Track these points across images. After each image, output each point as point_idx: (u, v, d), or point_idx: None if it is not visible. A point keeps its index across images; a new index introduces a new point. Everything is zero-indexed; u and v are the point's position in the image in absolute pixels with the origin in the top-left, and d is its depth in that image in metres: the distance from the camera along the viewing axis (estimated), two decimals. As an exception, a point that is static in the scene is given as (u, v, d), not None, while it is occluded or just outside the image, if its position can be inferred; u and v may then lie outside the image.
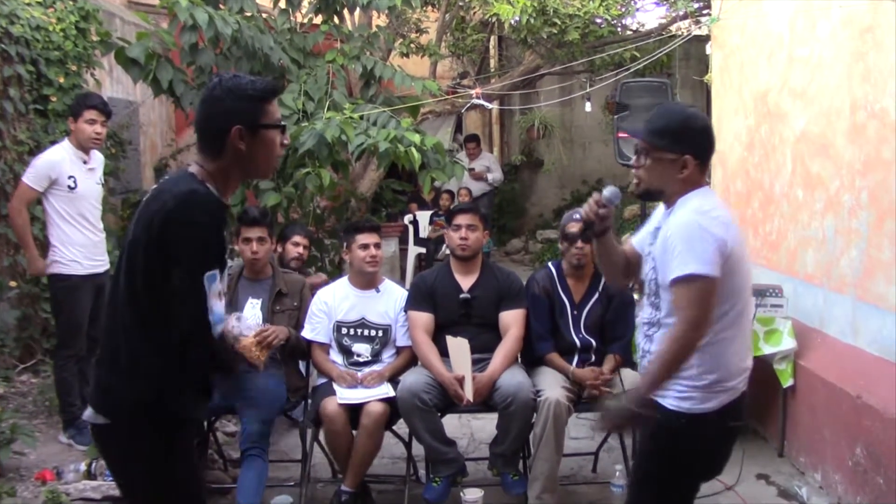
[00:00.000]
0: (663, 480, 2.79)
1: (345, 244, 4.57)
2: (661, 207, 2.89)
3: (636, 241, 3.01)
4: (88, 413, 2.43)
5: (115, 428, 2.37)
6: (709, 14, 7.64)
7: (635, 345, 3.00)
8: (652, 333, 2.81)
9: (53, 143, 5.34)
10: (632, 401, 2.67)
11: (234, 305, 4.45)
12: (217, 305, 2.32)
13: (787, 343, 4.80)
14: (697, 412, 2.68)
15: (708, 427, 2.71)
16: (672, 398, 2.72)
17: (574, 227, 4.15)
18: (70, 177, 4.92)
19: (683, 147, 2.72)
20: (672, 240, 2.64)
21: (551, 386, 4.11)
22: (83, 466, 4.50)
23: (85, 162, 5.01)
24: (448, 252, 4.64)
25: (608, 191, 2.86)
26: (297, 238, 5.28)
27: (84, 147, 4.99)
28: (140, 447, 2.37)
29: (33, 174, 4.90)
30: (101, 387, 2.43)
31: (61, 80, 6.25)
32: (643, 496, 2.89)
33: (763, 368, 4.95)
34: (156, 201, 2.31)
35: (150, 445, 2.36)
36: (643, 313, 2.86)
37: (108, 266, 5.10)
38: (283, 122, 2.50)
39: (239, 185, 2.61)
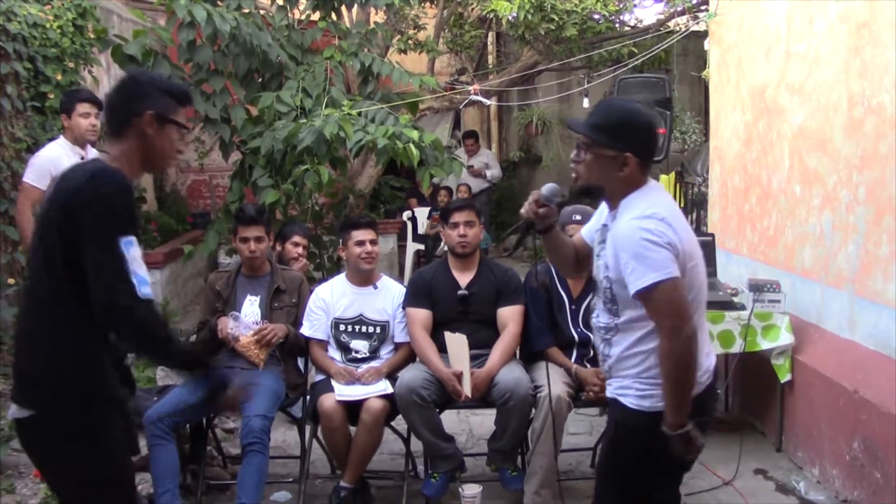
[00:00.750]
0: (627, 476, 2.76)
1: (341, 241, 4.58)
2: (604, 205, 2.83)
3: (585, 232, 3.00)
4: (13, 410, 2.42)
5: (43, 419, 2.38)
6: (706, 10, 7.64)
7: (594, 346, 2.93)
8: (610, 337, 2.75)
9: (51, 140, 5.33)
10: (672, 437, 2.60)
11: (232, 303, 4.46)
12: (140, 269, 2.35)
13: (785, 338, 4.81)
14: (658, 409, 2.63)
15: None
16: (632, 396, 2.70)
17: (574, 229, 4.12)
18: None
19: (624, 144, 2.64)
20: (621, 255, 2.59)
21: (552, 381, 4.11)
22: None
23: (82, 157, 5.01)
24: (447, 248, 4.65)
25: (546, 189, 2.84)
26: (296, 238, 5.29)
27: (81, 141, 4.99)
28: (72, 435, 2.38)
29: (35, 173, 4.90)
30: (26, 378, 2.43)
31: (59, 77, 6.24)
32: (609, 492, 2.86)
33: (761, 364, 4.97)
34: (65, 182, 2.42)
35: (83, 433, 2.38)
36: (600, 318, 2.80)
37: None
38: (187, 128, 2.66)
39: (139, 173, 2.67)
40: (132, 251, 2.33)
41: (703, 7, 8.62)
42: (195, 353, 2.68)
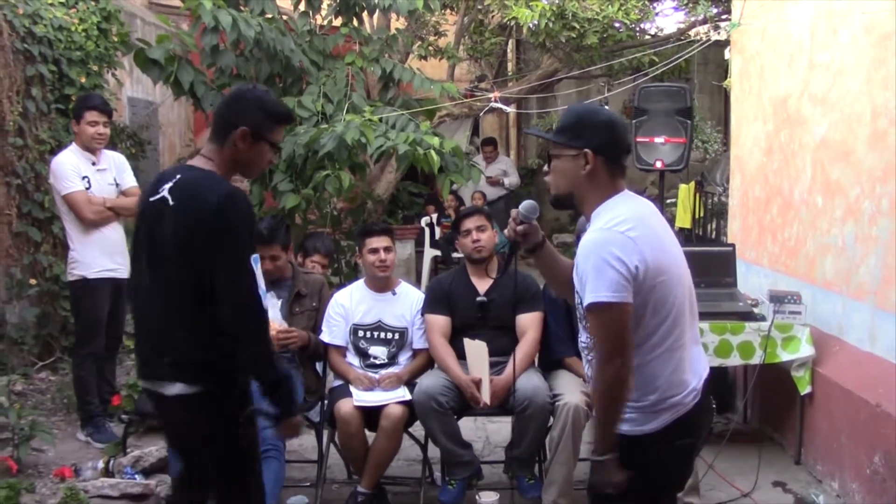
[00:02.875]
0: (614, 501, 2.60)
1: (357, 247, 4.58)
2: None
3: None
4: (179, 387, 2.73)
5: (209, 394, 2.73)
6: (728, 19, 7.62)
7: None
8: (591, 359, 2.61)
9: (72, 142, 5.39)
10: (594, 463, 2.53)
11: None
12: (262, 283, 2.79)
13: (806, 350, 4.77)
14: (637, 434, 2.52)
15: (650, 448, 2.54)
16: None
17: None
18: (84, 177, 4.96)
19: (583, 141, 2.55)
20: (581, 265, 2.49)
21: (570, 390, 4.11)
22: (101, 464, 4.53)
23: (93, 163, 5.05)
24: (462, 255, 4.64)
25: (524, 206, 2.71)
26: (318, 257, 5.25)
27: (88, 148, 5.03)
28: (230, 409, 2.77)
29: (66, 179, 4.92)
30: (190, 361, 2.74)
31: (83, 80, 6.31)
32: None
33: (781, 375, 4.94)
34: (195, 200, 2.70)
35: (235, 409, 2.78)
36: (581, 336, 2.70)
37: (127, 267, 5.13)
38: (279, 147, 2.99)
39: (230, 178, 2.91)
40: (257, 267, 2.73)
41: (723, 17, 8.61)
42: (288, 377, 2.98)
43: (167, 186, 2.77)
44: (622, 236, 2.45)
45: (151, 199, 2.80)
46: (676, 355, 2.55)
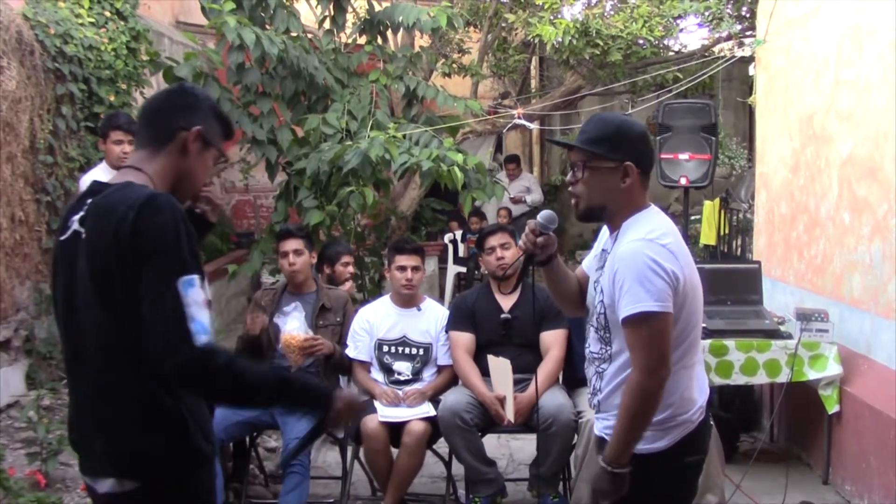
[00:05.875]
0: None
1: (386, 262, 4.60)
2: (605, 229, 2.69)
3: (585, 264, 2.80)
4: (110, 483, 2.11)
5: (150, 488, 2.11)
6: (752, 35, 7.60)
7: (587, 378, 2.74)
8: (603, 370, 2.58)
9: (101, 159, 5.45)
10: (604, 469, 2.46)
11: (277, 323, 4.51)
12: (200, 314, 2.00)
13: (833, 368, 4.73)
14: (647, 452, 2.48)
15: (660, 466, 2.50)
16: None
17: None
18: None
19: (623, 154, 2.50)
20: (620, 274, 2.43)
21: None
22: (126, 479, 4.54)
23: None
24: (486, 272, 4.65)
25: (543, 216, 2.62)
26: (345, 258, 5.28)
27: (116, 167, 5.08)
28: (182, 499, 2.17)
29: None
30: (121, 450, 2.10)
31: (112, 98, 6.39)
32: None
33: (808, 394, 4.89)
34: (108, 221, 2.04)
35: (191, 495, 2.18)
36: (591, 347, 2.64)
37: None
38: (226, 159, 2.37)
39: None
40: (192, 292, 1.99)
41: (747, 33, 8.59)
42: (286, 378, 2.27)
43: (76, 218, 2.12)
44: (663, 248, 2.43)
45: (63, 237, 2.15)
46: (690, 373, 2.55)
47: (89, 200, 2.14)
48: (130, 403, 2.07)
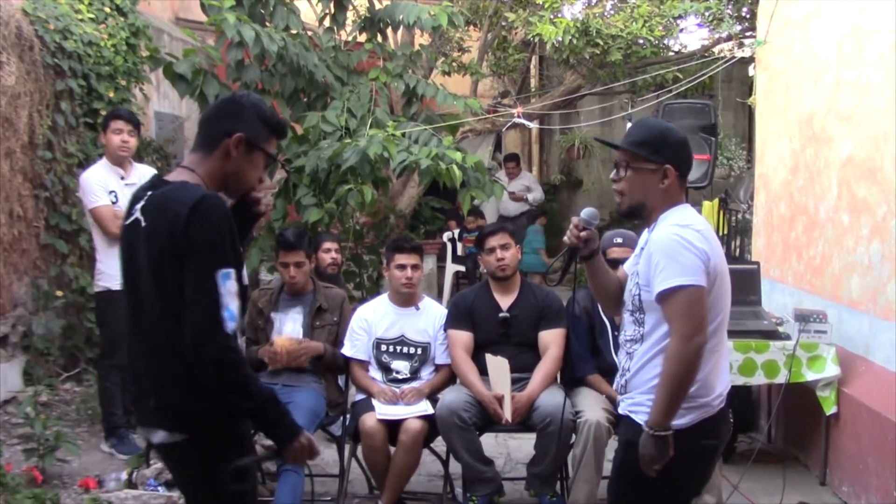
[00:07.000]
0: (637, 499, 2.75)
1: (385, 260, 4.60)
2: (645, 232, 2.86)
3: (627, 265, 2.97)
4: (162, 435, 2.45)
5: (194, 442, 2.43)
6: (752, 36, 7.59)
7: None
8: (633, 350, 2.77)
9: (101, 156, 5.45)
10: (648, 435, 2.61)
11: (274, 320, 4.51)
12: (232, 303, 2.33)
13: (831, 370, 4.73)
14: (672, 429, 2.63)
15: (679, 444, 2.62)
16: (644, 413, 2.67)
17: (616, 252, 4.10)
18: (111, 192, 5.01)
19: (664, 157, 2.72)
20: (655, 255, 2.65)
21: (591, 407, 4.09)
22: (125, 475, 4.55)
23: (122, 177, 5.09)
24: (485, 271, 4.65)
25: (586, 212, 2.87)
26: (327, 244, 5.34)
27: (115, 158, 5.07)
28: (218, 457, 2.43)
29: (92, 193, 4.97)
30: (171, 406, 2.43)
31: (111, 94, 6.39)
32: None
33: (806, 395, 4.89)
34: (165, 217, 2.35)
35: (225, 456, 2.43)
36: (626, 331, 2.84)
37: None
38: (275, 160, 2.65)
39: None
40: (228, 284, 2.32)
41: (748, 34, 8.58)
42: (275, 400, 2.48)
43: (139, 206, 2.47)
44: (698, 233, 2.65)
45: (127, 222, 2.50)
46: (714, 357, 2.70)
47: (150, 192, 2.47)
48: (179, 367, 2.37)
